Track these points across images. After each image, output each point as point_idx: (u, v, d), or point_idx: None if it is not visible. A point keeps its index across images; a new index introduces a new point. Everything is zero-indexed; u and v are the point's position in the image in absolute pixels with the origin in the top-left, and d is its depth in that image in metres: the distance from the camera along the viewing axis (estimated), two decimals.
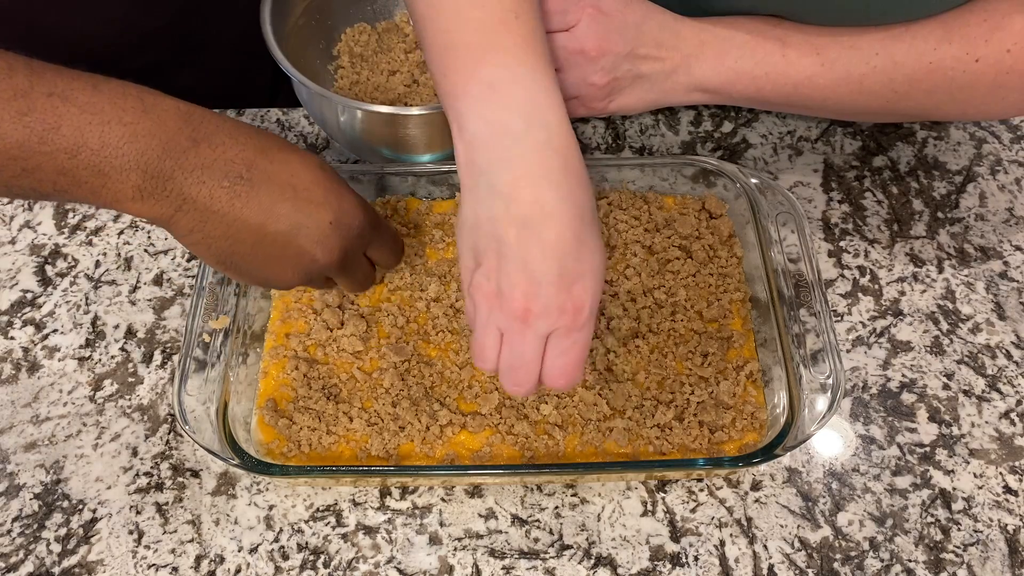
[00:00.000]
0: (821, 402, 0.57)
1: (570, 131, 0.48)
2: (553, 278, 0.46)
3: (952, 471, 0.62)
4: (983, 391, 0.65)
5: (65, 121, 0.44)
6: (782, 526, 0.59)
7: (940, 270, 0.71)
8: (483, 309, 0.49)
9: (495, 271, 0.47)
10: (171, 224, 0.48)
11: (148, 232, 0.74)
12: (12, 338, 0.68)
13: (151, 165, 0.45)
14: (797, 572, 0.57)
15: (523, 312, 0.47)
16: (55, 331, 0.68)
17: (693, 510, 0.60)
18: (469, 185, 0.49)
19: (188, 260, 0.72)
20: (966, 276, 0.71)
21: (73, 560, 0.58)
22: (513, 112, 0.47)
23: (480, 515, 0.60)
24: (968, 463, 0.62)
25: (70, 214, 0.75)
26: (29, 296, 0.70)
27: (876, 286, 0.70)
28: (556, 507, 0.60)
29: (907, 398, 0.65)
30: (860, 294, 0.70)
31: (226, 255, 0.50)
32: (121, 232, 0.74)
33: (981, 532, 0.59)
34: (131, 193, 0.45)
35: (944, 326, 0.68)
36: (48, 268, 0.71)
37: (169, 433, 0.63)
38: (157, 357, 0.67)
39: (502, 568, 0.57)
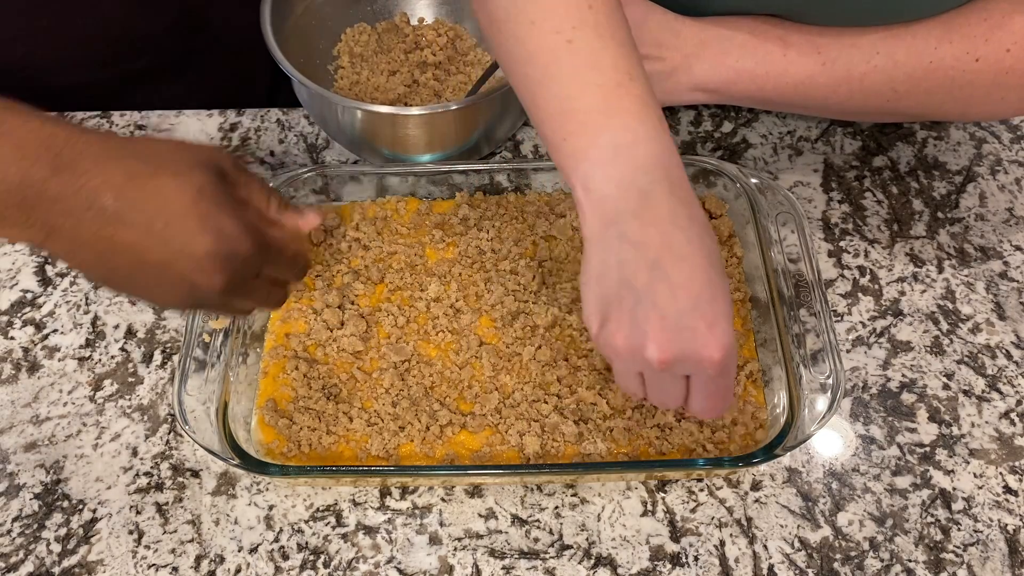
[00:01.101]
0: (821, 402, 0.57)
1: (689, 184, 0.50)
2: (687, 321, 0.46)
3: (952, 471, 0.62)
4: (983, 391, 0.65)
5: None
6: (782, 526, 0.59)
7: (940, 270, 0.71)
8: (618, 362, 0.50)
9: (626, 320, 0.47)
10: (44, 247, 0.46)
11: None
12: (12, 338, 0.68)
13: (11, 194, 0.42)
14: (797, 572, 0.57)
15: (659, 363, 0.47)
16: (55, 331, 0.68)
17: (693, 510, 0.60)
18: (597, 237, 0.49)
19: None
20: (966, 276, 0.71)
21: (73, 560, 0.58)
22: (638, 171, 0.48)
23: (480, 515, 0.60)
24: (968, 463, 0.62)
25: None
26: (29, 296, 0.70)
27: (876, 286, 0.70)
28: (556, 507, 0.60)
29: (907, 398, 0.65)
30: (860, 294, 0.70)
31: (103, 279, 0.48)
32: None
33: (981, 532, 0.59)
34: None
35: (944, 326, 0.68)
36: (48, 268, 0.71)
37: (169, 433, 0.63)
38: (157, 357, 0.67)
39: (502, 568, 0.57)
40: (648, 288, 0.46)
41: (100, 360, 0.66)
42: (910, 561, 0.58)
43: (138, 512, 0.60)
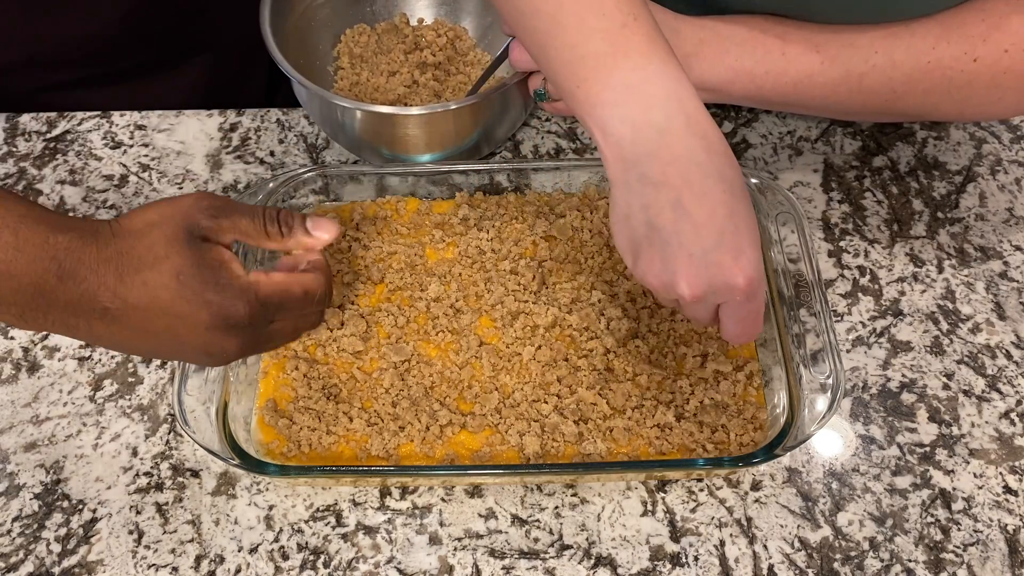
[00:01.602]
0: (821, 402, 0.57)
1: (706, 114, 0.50)
2: (713, 256, 0.48)
3: (952, 471, 0.62)
4: (983, 391, 0.65)
5: None
6: (782, 526, 0.59)
7: (940, 270, 0.71)
8: (657, 293, 0.52)
9: (656, 259, 0.50)
10: (69, 337, 0.49)
11: None
12: (12, 338, 0.68)
13: (26, 303, 0.46)
14: (797, 572, 0.57)
15: (690, 297, 0.49)
16: None
17: (693, 510, 0.60)
18: (620, 180, 0.50)
19: None
20: (966, 276, 0.71)
21: (73, 560, 0.58)
22: (652, 108, 0.49)
23: (480, 515, 0.60)
24: (968, 463, 0.62)
25: (71, 212, 0.75)
26: None
27: (876, 286, 0.70)
28: (556, 507, 0.60)
29: (907, 398, 0.65)
30: (860, 294, 0.70)
31: (130, 354, 0.53)
32: None
33: (981, 532, 0.59)
34: (14, 320, 0.47)
35: (944, 326, 0.68)
36: None
37: (169, 433, 0.63)
38: None
39: (502, 568, 0.57)
40: (673, 228, 0.48)
41: (100, 360, 0.66)
42: (910, 561, 0.58)
43: (138, 512, 0.60)
